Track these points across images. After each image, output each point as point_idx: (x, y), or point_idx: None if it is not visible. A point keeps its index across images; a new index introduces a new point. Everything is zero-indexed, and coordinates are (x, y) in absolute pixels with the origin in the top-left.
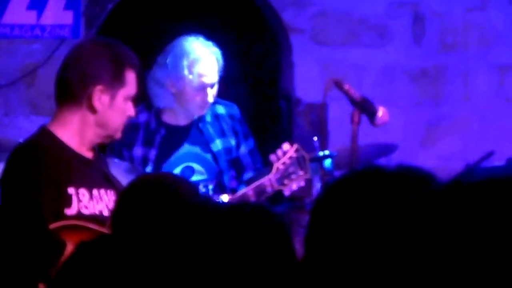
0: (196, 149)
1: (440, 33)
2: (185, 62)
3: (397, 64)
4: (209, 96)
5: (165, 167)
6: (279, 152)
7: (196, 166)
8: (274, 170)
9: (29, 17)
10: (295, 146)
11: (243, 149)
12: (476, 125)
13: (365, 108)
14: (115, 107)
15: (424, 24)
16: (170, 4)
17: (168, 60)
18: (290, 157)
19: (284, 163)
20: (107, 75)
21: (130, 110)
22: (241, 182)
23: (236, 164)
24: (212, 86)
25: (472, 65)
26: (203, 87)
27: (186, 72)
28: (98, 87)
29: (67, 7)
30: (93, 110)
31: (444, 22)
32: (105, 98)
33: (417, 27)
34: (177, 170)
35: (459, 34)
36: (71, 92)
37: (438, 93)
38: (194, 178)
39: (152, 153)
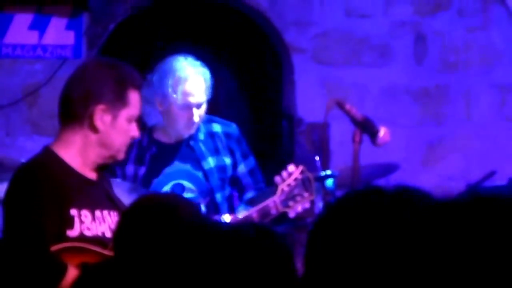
0: (187, 167)
1: (441, 53)
2: (170, 81)
3: (399, 83)
4: (194, 116)
5: (154, 185)
6: (284, 173)
7: (186, 184)
8: (279, 192)
9: (31, 37)
10: (300, 167)
11: (242, 169)
12: (478, 145)
13: (367, 127)
14: (117, 127)
15: (425, 43)
16: (173, 24)
17: (154, 78)
18: (295, 179)
19: (289, 185)
20: (109, 95)
21: (133, 131)
22: (242, 202)
23: (236, 184)
24: (198, 106)
25: (473, 85)
26: (188, 106)
27: (170, 90)
28: (100, 106)
29: (68, 27)
30: (94, 129)
31: (445, 42)
32: (107, 118)
33: (418, 46)
34: (167, 188)
35: (460, 53)
36: (73, 111)
37: (440, 112)
38: (184, 195)
39: (142, 170)
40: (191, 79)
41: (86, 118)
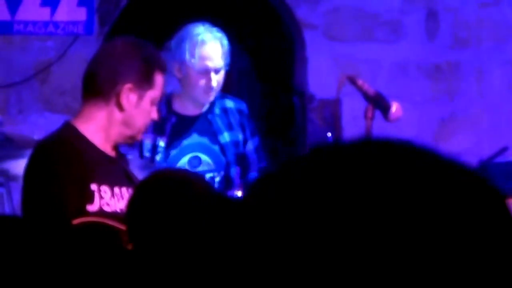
0: (205, 140)
1: (453, 29)
2: (187, 45)
3: (411, 59)
4: (213, 81)
5: (173, 156)
6: None
7: (203, 157)
8: None
9: (43, 14)
10: None
11: (250, 146)
12: (490, 121)
13: (379, 103)
14: (141, 108)
15: (437, 19)
16: (184, 1)
17: (172, 44)
18: None
19: None
20: (137, 75)
21: (154, 112)
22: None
23: (243, 161)
24: (216, 71)
25: (485, 61)
26: (206, 71)
27: (187, 55)
28: (127, 86)
29: (80, 3)
30: (120, 108)
31: (457, 18)
32: (133, 97)
33: (430, 22)
34: (184, 160)
35: (472, 29)
36: (99, 88)
37: (452, 88)
38: (201, 168)
39: (163, 141)
40: (209, 43)
41: (113, 95)
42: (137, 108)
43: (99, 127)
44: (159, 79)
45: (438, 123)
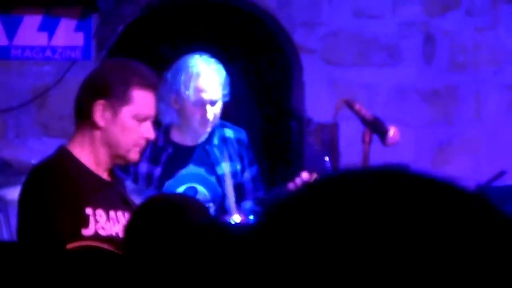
0: (201, 171)
1: (450, 53)
2: (183, 77)
3: (408, 83)
4: (208, 113)
5: (168, 186)
6: (298, 180)
7: (199, 188)
8: None
9: (40, 39)
10: (314, 174)
11: (247, 175)
12: (488, 145)
13: (376, 127)
14: (120, 125)
15: (434, 43)
16: (182, 25)
17: (168, 76)
18: None
19: None
20: (109, 91)
21: (147, 131)
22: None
23: (238, 190)
24: (212, 103)
25: (483, 85)
26: (201, 103)
27: (183, 87)
28: (100, 102)
29: (78, 29)
30: (96, 126)
31: (454, 42)
32: (108, 114)
33: (427, 46)
34: (180, 190)
35: (469, 53)
36: (80, 109)
37: (449, 112)
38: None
39: (157, 171)
40: (204, 75)
41: (90, 114)
42: (115, 125)
43: (89, 150)
44: (138, 95)
45: (436, 147)
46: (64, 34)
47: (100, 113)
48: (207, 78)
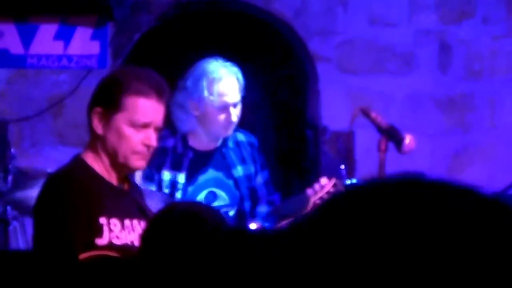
0: (220, 175)
1: (466, 61)
2: (205, 83)
3: (424, 92)
4: (232, 116)
5: (190, 192)
6: (316, 186)
7: (219, 192)
8: (310, 205)
9: (56, 48)
10: (333, 180)
11: (259, 179)
12: (503, 153)
13: (392, 136)
14: (114, 132)
15: (450, 52)
16: (197, 34)
17: (188, 83)
18: (328, 192)
19: (321, 198)
20: (103, 98)
21: (146, 138)
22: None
23: (252, 193)
24: (234, 105)
25: (498, 93)
26: (225, 106)
27: (206, 92)
28: (97, 109)
29: (93, 37)
30: (95, 134)
31: (470, 50)
32: (104, 122)
33: (443, 55)
34: (201, 195)
35: (485, 61)
36: (88, 117)
37: (465, 120)
38: (216, 203)
39: (181, 177)
40: (225, 79)
41: (90, 122)
42: (109, 132)
43: (99, 159)
44: (133, 102)
45: (452, 155)
46: (80, 43)
47: (97, 121)
48: (228, 81)
